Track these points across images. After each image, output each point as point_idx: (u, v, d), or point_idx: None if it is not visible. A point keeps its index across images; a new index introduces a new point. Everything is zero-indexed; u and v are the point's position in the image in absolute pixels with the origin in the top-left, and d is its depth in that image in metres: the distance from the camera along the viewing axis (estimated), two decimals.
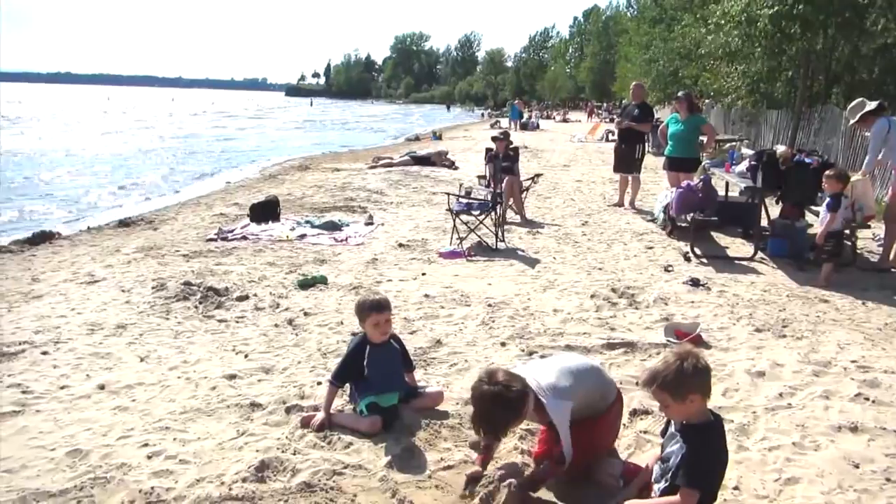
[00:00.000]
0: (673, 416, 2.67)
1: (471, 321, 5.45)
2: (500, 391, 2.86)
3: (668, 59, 31.87)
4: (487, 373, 2.98)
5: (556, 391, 3.03)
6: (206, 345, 4.89)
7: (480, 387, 2.92)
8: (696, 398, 2.56)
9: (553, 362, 3.31)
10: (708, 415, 2.65)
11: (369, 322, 3.77)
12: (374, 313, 3.77)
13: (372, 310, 3.77)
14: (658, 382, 2.55)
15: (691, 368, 2.52)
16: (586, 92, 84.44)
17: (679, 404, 2.56)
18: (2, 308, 5.70)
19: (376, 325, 3.78)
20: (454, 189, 10.16)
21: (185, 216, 10.66)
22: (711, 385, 2.64)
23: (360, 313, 3.80)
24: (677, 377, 2.51)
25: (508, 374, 2.97)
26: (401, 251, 7.91)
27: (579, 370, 3.22)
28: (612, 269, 7.13)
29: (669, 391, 2.54)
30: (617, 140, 11.91)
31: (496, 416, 2.92)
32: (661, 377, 2.54)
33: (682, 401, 2.55)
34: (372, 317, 3.76)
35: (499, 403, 2.87)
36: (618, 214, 10.62)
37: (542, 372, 3.12)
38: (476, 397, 2.94)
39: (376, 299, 3.83)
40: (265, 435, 3.61)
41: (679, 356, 2.55)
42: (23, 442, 3.52)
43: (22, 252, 8.23)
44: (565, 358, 3.49)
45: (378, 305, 3.79)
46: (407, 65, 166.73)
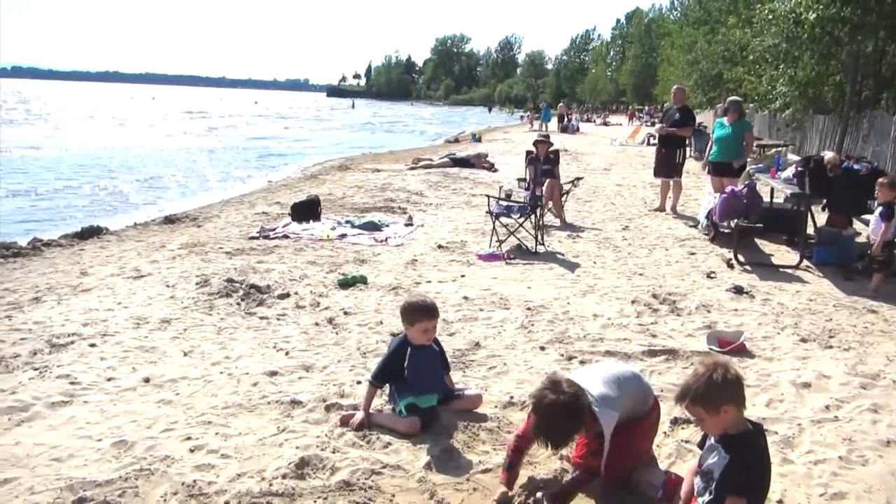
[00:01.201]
0: (709, 429, 2.62)
1: (510, 324, 5.43)
2: (569, 402, 2.78)
3: (712, 61, 31.37)
4: (551, 381, 2.88)
5: (608, 401, 2.97)
6: (248, 341, 4.96)
7: (546, 396, 2.81)
8: (730, 409, 2.51)
9: (597, 370, 3.26)
10: (745, 424, 2.60)
11: (418, 326, 3.76)
12: (426, 320, 3.77)
13: (424, 316, 3.76)
14: (690, 397, 2.51)
15: (721, 379, 2.47)
16: (627, 95, 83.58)
17: (714, 417, 2.52)
18: (52, 300, 5.86)
19: (424, 331, 3.79)
20: (493, 191, 10.15)
21: (228, 214, 10.83)
22: (745, 394, 2.58)
23: (410, 316, 3.77)
24: (708, 390, 2.47)
25: (572, 383, 2.88)
26: (440, 253, 7.93)
27: (623, 377, 3.18)
28: (653, 275, 7.04)
29: (703, 405, 2.50)
30: (658, 144, 11.76)
31: (563, 427, 2.84)
32: (693, 391, 2.50)
33: (717, 413, 2.50)
34: (423, 322, 3.76)
35: (566, 414, 2.79)
36: (659, 219, 10.49)
37: (589, 381, 3.05)
38: (541, 407, 2.82)
39: (428, 305, 3.81)
40: (305, 432, 3.64)
41: (707, 368, 2.51)
42: (71, 431, 3.61)
43: (71, 246, 8.47)
44: (607, 366, 3.44)
45: (430, 312, 3.79)
46: (447, 66, 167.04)
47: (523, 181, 10.38)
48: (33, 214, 12.14)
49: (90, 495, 3.00)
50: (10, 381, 4.15)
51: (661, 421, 3.72)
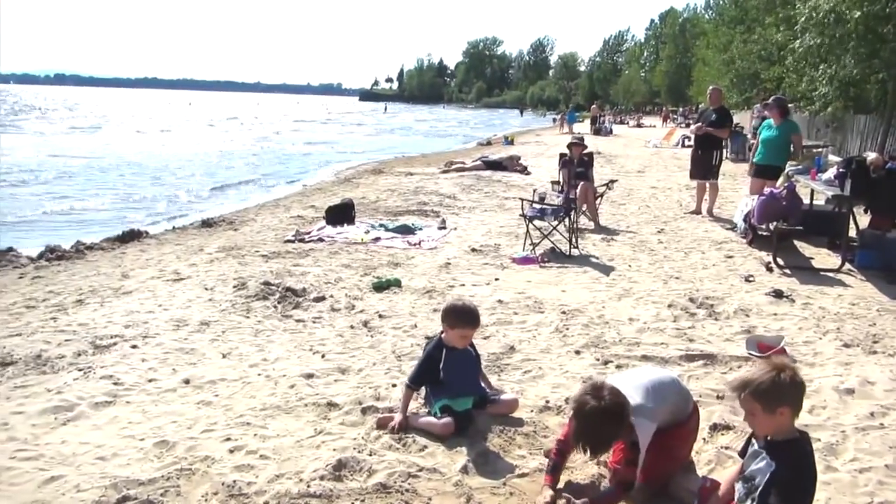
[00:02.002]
0: (758, 427, 2.56)
1: (544, 328, 5.41)
2: (610, 407, 2.76)
3: (748, 61, 30.89)
4: (593, 387, 2.86)
5: (645, 411, 2.94)
6: (285, 344, 5.02)
7: (587, 401, 2.78)
8: (787, 412, 2.46)
9: (635, 377, 3.22)
10: (795, 431, 2.55)
11: (458, 332, 3.77)
12: (468, 327, 3.80)
13: (467, 323, 3.78)
14: (750, 389, 2.45)
15: (788, 380, 2.42)
16: (661, 96, 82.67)
17: (768, 416, 2.46)
18: (95, 303, 6.00)
19: (463, 337, 3.81)
20: (527, 194, 10.12)
21: (263, 218, 10.97)
22: (803, 403, 2.54)
23: (452, 320, 3.78)
24: (772, 387, 2.41)
25: (614, 389, 2.85)
26: (473, 256, 7.93)
27: (662, 384, 3.14)
28: (689, 279, 6.95)
29: (761, 400, 2.44)
30: (694, 146, 11.61)
31: (604, 433, 2.81)
32: (755, 384, 2.44)
33: (772, 413, 2.45)
34: (464, 329, 3.78)
35: (608, 420, 2.76)
36: (695, 222, 10.35)
37: (627, 388, 3.00)
38: (583, 412, 2.79)
39: (473, 313, 3.82)
40: (342, 434, 3.67)
41: (776, 367, 2.46)
42: (115, 431, 3.69)
43: (113, 249, 8.66)
44: (646, 372, 3.38)
45: (474, 320, 3.81)
46: (479, 69, 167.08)
47: (557, 184, 10.34)
48: (78, 217, 12.45)
49: (133, 494, 3.06)
50: (55, 382, 4.26)
51: (701, 427, 3.68)
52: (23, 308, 5.90)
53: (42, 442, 3.53)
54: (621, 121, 54.88)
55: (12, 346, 4.85)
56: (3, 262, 7.91)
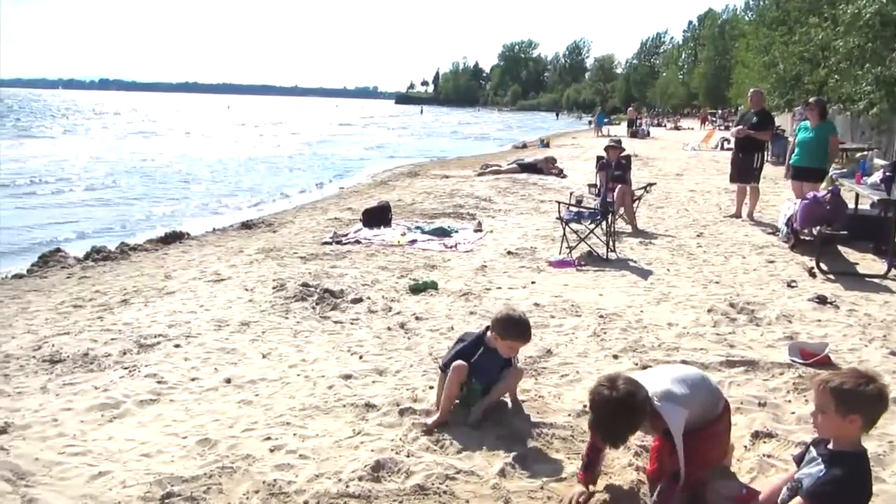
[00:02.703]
0: (822, 426, 2.50)
1: (582, 332, 5.38)
2: (623, 397, 2.77)
3: (790, 63, 30.25)
4: (608, 378, 2.89)
5: (672, 397, 2.92)
6: (323, 345, 5.07)
7: (601, 392, 2.82)
8: (857, 421, 2.39)
9: (663, 370, 3.20)
10: (859, 445, 2.49)
11: (509, 343, 3.80)
12: (520, 341, 3.84)
13: (520, 336, 3.81)
14: (832, 385, 2.39)
15: (872, 392, 2.36)
16: (699, 98, 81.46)
17: (837, 417, 2.39)
18: (139, 302, 6.15)
19: (511, 348, 3.85)
20: (563, 197, 10.06)
21: (301, 220, 11.11)
22: (877, 420, 2.47)
23: (505, 329, 3.78)
24: (853, 391, 2.36)
25: (630, 379, 2.88)
26: (510, 259, 7.92)
27: (692, 379, 3.11)
28: (730, 283, 6.84)
29: (837, 399, 2.38)
30: (734, 148, 11.42)
31: (617, 424, 2.84)
32: (837, 382, 2.39)
33: (843, 416, 2.38)
34: (516, 342, 3.82)
35: (621, 411, 2.78)
36: (735, 226, 10.18)
37: (654, 379, 3.01)
38: (596, 403, 2.85)
39: (528, 326, 3.83)
40: (380, 435, 3.70)
41: (867, 376, 2.41)
42: (159, 428, 3.77)
43: (156, 250, 8.86)
44: (673, 367, 3.34)
45: (527, 335, 3.85)
46: (514, 72, 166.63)
47: (594, 187, 10.28)
48: (123, 218, 12.76)
49: (177, 490, 3.12)
50: (102, 379, 4.37)
51: (742, 435, 3.63)
52: (70, 307, 6.08)
53: (90, 438, 3.64)
54: (658, 123, 54.25)
55: (61, 343, 5.00)
56: (51, 263, 8.17)
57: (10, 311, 6.08)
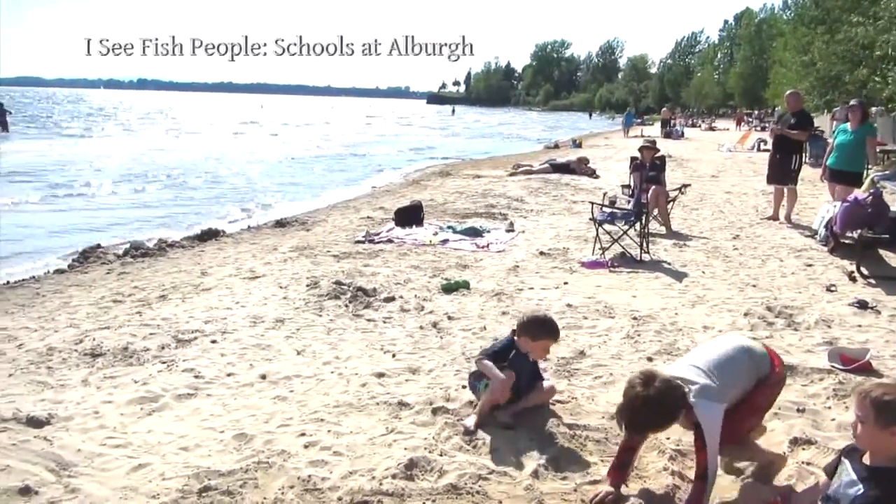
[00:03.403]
0: (862, 438, 2.42)
1: (615, 333, 5.34)
2: (654, 397, 2.78)
3: (830, 62, 29.61)
4: (645, 375, 2.88)
5: (709, 393, 2.89)
6: (357, 342, 5.11)
7: (635, 388, 2.83)
8: None
9: (705, 355, 3.12)
10: None
11: (541, 343, 3.83)
12: (551, 340, 3.86)
13: (550, 336, 3.83)
14: (873, 395, 2.34)
15: None
16: (735, 99, 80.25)
17: (877, 430, 2.32)
18: (177, 298, 6.26)
19: (545, 349, 3.88)
20: (595, 198, 10.01)
21: (334, 218, 11.20)
22: None
23: (535, 331, 3.80)
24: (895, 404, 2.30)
25: (666, 380, 2.85)
26: (542, 259, 7.89)
27: (733, 359, 3.07)
28: (767, 287, 6.73)
29: (878, 410, 2.31)
30: (771, 149, 11.22)
31: (642, 419, 2.87)
32: (880, 393, 2.33)
33: (882, 429, 2.31)
34: (547, 341, 3.84)
35: (649, 409, 2.80)
36: (773, 228, 10.01)
37: (693, 370, 2.97)
38: (628, 396, 2.87)
39: (556, 326, 3.86)
40: (413, 434, 3.71)
41: None
42: (196, 423, 3.84)
43: (192, 247, 9.01)
44: (716, 348, 3.20)
45: (557, 333, 3.87)
46: (547, 72, 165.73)
47: (627, 188, 10.19)
48: (162, 214, 13.00)
49: (214, 484, 3.17)
50: (142, 373, 4.46)
51: (780, 441, 3.57)
52: (111, 302, 6.21)
53: (130, 430, 3.71)
54: (693, 124, 53.54)
55: (101, 338, 5.11)
56: (91, 259, 8.35)
57: (53, 305, 6.24)
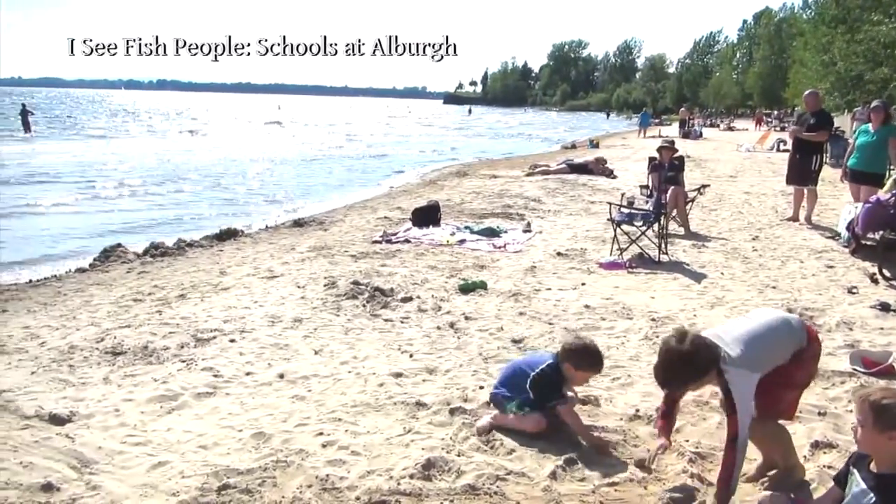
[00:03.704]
0: (862, 442, 2.43)
1: (633, 335, 5.31)
2: (686, 353, 2.84)
3: (851, 62, 29.25)
4: (681, 331, 2.97)
5: (744, 362, 2.89)
6: (374, 342, 5.12)
7: (670, 342, 2.93)
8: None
9: (745, 325, 3.11)
10: None
11: (583, 375, 3.71)
12: (595, 372, 3.77)
13: (596, 368, 3.72)
14: (872, 399, 2.34)
15: None
16: (754, 99, 79.53)
17: (876, 434, 2.33)
18: (196, 297, 6.30)
19: (586, 380, 3.79)
20: (613, 198, 9.95)
21: (351, 218, 11.23)
22: None
23: (581, 361, 3.65)
24: (893, 408, 2.29)
25: (701, 339, 2.91)
26: (559, 260, 7.86)
27: (771, 330, 3.06)
28: (787, 289, 6.66)
29: (876, 413, 2.32)
30: (791, 150, 11.10)
31: (673, 373, 2.92)
32: (878, 397, 2.33)
33: (881, 433, 2.31)
34: (591, 373, 3.75)
35: (680, 364, 2.87)
36: (792, 230, 9.91)
37: (732, 337, 2.98)
38: (663, 351, 2.96)
39: (603, 359, 3.76)
40: (430, 434, 3.71)
41: None
42: (215, 421, 3.86)
43: (211, 247, 9.08)
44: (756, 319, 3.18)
45: (601, 366, 3.78)
46: (564, 72, 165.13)
47: (646, 188, 10.11)
48: (180, 214, 13.11)
49: (233, 482, 3.19)
50: (161, 372, 4.50)
51: (801, 444, 3.53)
52: (131, 301, 6.27)
53: (149, 428, 3.75)
54: (711, 124, 53.12)
55: (122, 336, 5.16)
56: (112, 258, 8.44)
57: (75, 304, 6.31)
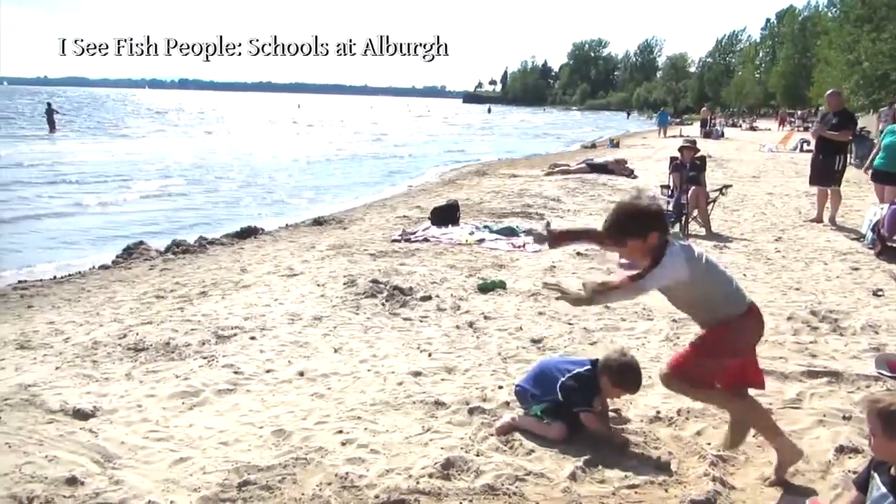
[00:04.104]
0: (876, 450, 2.44)
1: (654, 336, 5.27)
2: (641, 208, 3.03)
3: (876, 61, 28.85)
4: (639, 189, 3.29)
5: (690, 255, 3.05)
6: (393, 341, 5.12)
7: (631, 194, 3.20)
8: None
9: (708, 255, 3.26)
10: None
11: (619, 392, 3.69)
12: (632, 392, 3.74)
13: (634, 388, 3.70)
14: (879, 406, 2.35)
15: None
16: (776, 98, 78.60)
17: (886, 440, 2.34)
18: (217, 295, 6.35)
19: (619, 396, 3.78)
20: None
21: (371, 217, 11.26)
22: None
23: (622, 379, 3.62)
24: None
25: (658, 205, 3.16)
26: (579, 260, 7.82)
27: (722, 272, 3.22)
28: (810, 290, 6.57)
29: (885, 421, 2.33)
30: (814, 150, 10.96)
31: (622, 223, 3.05)
32: (886, 403, 2.34)
33: (890, 439, 2.33)
34: (628, 392, 3.72)
35: (631, 216, 3.02)
36: (816, 231, 9.78)
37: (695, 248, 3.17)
38: (619, 201, 3.15)
39: (641, 380, 3.73)
40: (449, 433, 3.71)
41: None
42: (235, 418, 3.89)
43: (232, 245, 9.15)
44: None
45: (639, 387, 3.75)
46: (583, 71, 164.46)
47: (667, 188, 10.05)
48: (202, 212, 13.23)
49: (254, 479, 3.21)
50: (183, 368, 4.54)
51: (826, 449, 3.48)
52: (153, 298, 6.33)
53: (171, 424, 3.78)
54: (733, 124, 52.62)
55: (144, 332, 5.22)
56: (134, 255, 8.54)
57: (98, 300, 6.39)
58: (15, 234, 10.87)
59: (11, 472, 3.24)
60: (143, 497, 3.07)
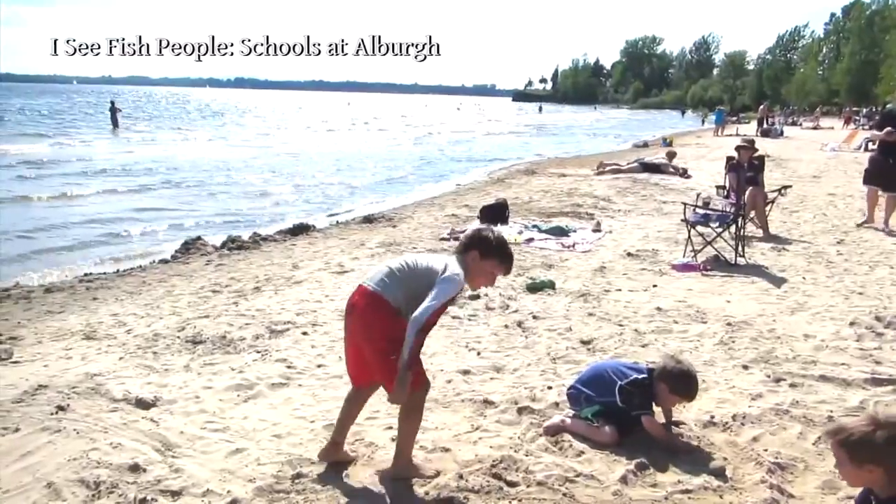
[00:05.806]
0: (847, 479, 2.40)
1: (707, 339, 5.17)
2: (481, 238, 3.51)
3: None
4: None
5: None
6: (442, 339, 5.14)
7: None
8: (876, 471, 2.24)
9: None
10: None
11: (675, 399, 3.67)
12: (687, 400, 3.72)
13: (690, 396, 3.67)
14: (840, 437, 2.28)
15: (883, 440, 2.20)
16: (840, 96, 75.96)
17: (854, 469, 2.28)
18: (270, 290, 6.48)
19: (674, 404, 3.75)
20: (686, 198, 9.71)
21: (420, 216, 11.32)
22: None
23: (678, 388, 3.59)
24: (861, 442, 2.22)
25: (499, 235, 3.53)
26: (629, 261, 7.72)
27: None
28: (875, 295, 6.35)
29: (848, 451, 2.27)
30: (876, 149, 10.50)
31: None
32: (846, 434, 2.27)
33: (858, 467, 2.26)
34: (682, 399, 3.70)
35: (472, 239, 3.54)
36: (881, 234, 9.43)
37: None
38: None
39: (698, 388, 3.69)
40: (498, 433, 3.71)
41: (876, 423, 2.25)
42: (288, 411, 3.96)
43: (284, 241, 9.31)
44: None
45: (695, 395, 3.71)
46: (637, 69, 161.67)
47: (722, 188, 9.82)
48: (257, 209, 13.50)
49: (306, 472, 3.28)
50: (238, 362, 4.65)
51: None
52: (209, 292, 6.49)
53: (227, 416, 3.88)
54: (793, 122, 51.01)
55: (202, 326, 5.36)
56: (192, 250, 8.77)
57: (158, 294, 6.58)
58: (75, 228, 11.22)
59: (80, 457, 3.38)
60: (201, 486, 3.16)
